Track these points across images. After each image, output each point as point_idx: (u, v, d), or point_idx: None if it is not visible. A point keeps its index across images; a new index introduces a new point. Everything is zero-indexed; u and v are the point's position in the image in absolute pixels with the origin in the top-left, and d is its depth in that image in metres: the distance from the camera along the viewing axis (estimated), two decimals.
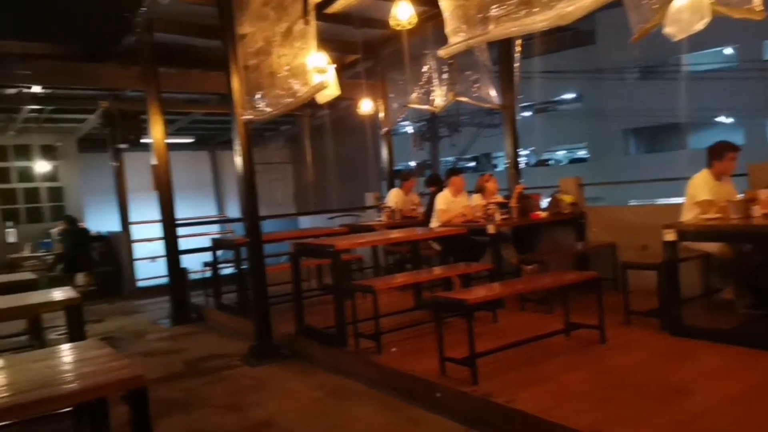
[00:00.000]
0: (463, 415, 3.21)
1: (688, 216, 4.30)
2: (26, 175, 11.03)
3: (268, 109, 4.54)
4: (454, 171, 6.33)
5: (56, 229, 10.22)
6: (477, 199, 5.92)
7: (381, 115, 7.90)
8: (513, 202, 5.70)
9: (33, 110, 9.06)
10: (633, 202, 16.08)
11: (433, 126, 19.37)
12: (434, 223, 5.85)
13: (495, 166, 26.75)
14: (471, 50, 4.90)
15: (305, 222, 11.34)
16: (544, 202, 6.12)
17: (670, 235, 3.90)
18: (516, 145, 6.63)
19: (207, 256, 6.82)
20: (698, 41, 4.11)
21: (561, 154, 27.51)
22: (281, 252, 7.46)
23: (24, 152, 10.98)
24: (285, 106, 4.36)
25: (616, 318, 4.29)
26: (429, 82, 6.49)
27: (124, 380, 1.89)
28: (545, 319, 4.64)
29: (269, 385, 4.12)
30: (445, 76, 6.32)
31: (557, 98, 24.60)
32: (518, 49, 6.30)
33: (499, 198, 6.01)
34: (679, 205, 4.59)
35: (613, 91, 21.37)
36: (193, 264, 7.17)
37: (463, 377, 3.38)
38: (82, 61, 7.40)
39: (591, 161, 23.92)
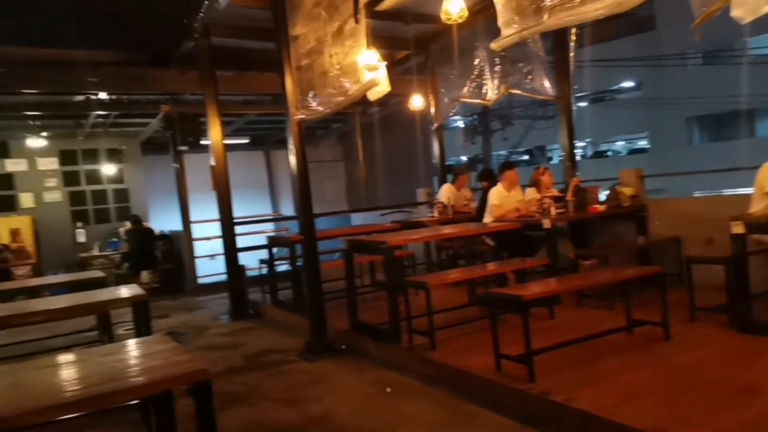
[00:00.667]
0: (518, 413, 3.16)
1: (757, 207, 4.08)
2: (94, 177, 11.62)
3: (320, 108, 4.60)
4: (508, 165, 6.23)
5: (122, 229, 10.73)
6: (531, 194, 5.81)
7: (432, 110, 7.86)
8: (569, 196, 5.56)
9: (99, 116, 9.52)
10: (697, 194, 15.36)
11: (484, 120, 19.11)
12: (487, 219, 5.78)
13: (549, 158, 26.14)
14: (524, 41, 4.81)
15: (357, 219, 11.43)
16: (603, 195, 5.94)
17: (737, 228, 3.71)
18: (572, 137, 6.46)
19: (263, 254, 6.99)
20: (765, 23, 3.88)
21: (620, 144, 26.58)
22: (334, 249, 7.56)
23: (92, 156, 11.57)
24: (337, 104, 4.40)
25: (681, 314, 4.12)
26: (480, 75, 6.41)
27: (188, 374, 1.96)
28: (605, 315, 4.51)
29: (325, 380, 4.19)
30: (497, 68, 6.23)
31: (615, 87, 23.75)
32: (573, 38, 6.13)
33: (555, 192, 5.87)
34: (747, 196, 4.36)
35: (674, 78, 20.46)
36: (250, 261, 7.37)
37: (519, 374, 3.33)
38: (145, 67, 7.73)
39: (652, 151, 22.99)
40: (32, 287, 6.22)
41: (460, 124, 21.86)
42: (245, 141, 13.32)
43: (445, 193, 7.06)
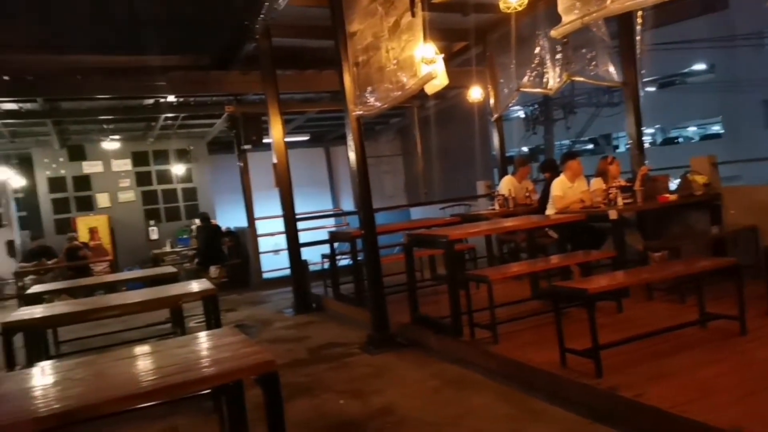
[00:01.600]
0: (586, 409, 3.09)
1: None
2: (164, 177, 12.17)
3: (378, 104, 4.62)
4: (571, 155, 6.06)
5: (192, 227, 11.19)
6: (597, 184, 5.62)
7: (491, 101, 7.75)
8: (637, 185, 5.34)
9: (168, 118, 9.96)
10: None
11: (546, 109, 18.61)
12: (550, 210, 5.65)
13: (615, 147, 25.19)
14: (586, 27, 4.65)
15: (416, 213, 11.42)
16: (674, 184, 5.67)
17: None
18: (639, 124, 6.20)
19: (325, 249, 7.11)
20: None
21: (691, 130, 25.27)
22: (394, 243, 7.60)
23: (162, 157, 12.12)
24: (394, 99, 4.42)
25: (759, 308, 3.90)
26: (541, 63, 6.25)
27: (258, 365, 2.03)
28: (676, 309, 4.33)
29: (387, 373, 4.23)
30: (558, 56, 6.05)
31: (686, 70, 22.57)
32: (639, 20, 5.86)
33: (622, 181, 5.66)
34: None
35: (749, 59, 19.22)
36: (312, 256, 7.52)
37: (586, 370, 3.25)
38: (210, 69, 8.02)
39: (726, 137, 21.73)
40: (110, 283, 6.62)
41: (521, 114, 21.39)
42: (305, 138, 13.57)
43: (506, 185, 6.95)
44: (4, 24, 6.11)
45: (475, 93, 7.69)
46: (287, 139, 7.15)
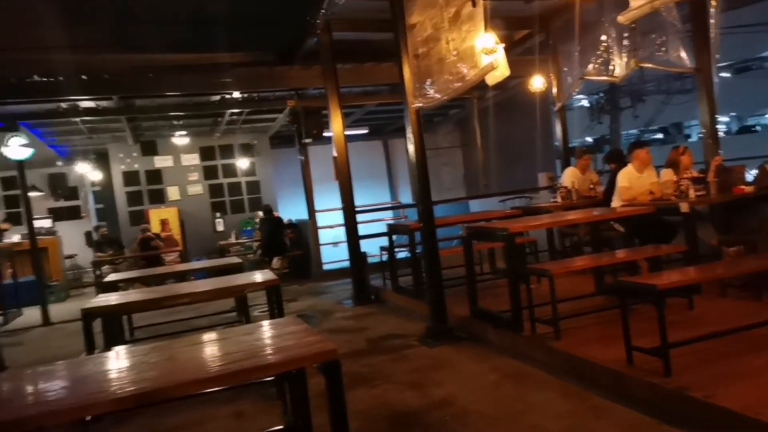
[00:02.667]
0: (652, 408, 2.98)
1: None
2: (229, 171, 12.60)
3: (438, 95, 4.60)
4: (638, 144, 5.82)
5: (255, 219, 11.54)
6: (668, 175, 5.38)
7: (553, 90, 7.55)
8: (710, 177, 5.08)
9: (233, 113, 10.29)
10: None
11: (612, 97, 17.91)
12: (616, 202, 5.46)
13: (687, 136, 23.99)
14: (656, 11, 4.44)
15: (475, 206, 11.31)
16: (750, 175, 5.35)
17: None
18: (713, 112, 5.88)
19: (383, 241, 7.16)
20: None
21: None
22: (453, 236, 7.56)
23: (227, 151, 12.55)
24: (454, 90, 4.38)
25: None
26: (607, 50, 6.03)
27: (320, 353, 2.08)
28: (752, 307, 4.10)
29: (446, 366, 4.22)
30: (625, 42, 5.82)
31: (763, 54, 21.17)
32: (713, 2, 5.55)
33: (694, 173, 5.39)
34: None
35: None
36: (371, 248, 7.60)
37: (654, 368, 3.14)
38: (273, 65, 8.22)
39: None
40: (180, 272, 6.93)
41: (585, 103, 20.69)
42: (364, 131, 13.68)
43: (569, 176, 6.77)
44: (82, 26, 6.47)
45: (537, 82, 7.52)
46: (347, 133, 7.24)
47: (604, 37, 6.05)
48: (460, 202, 11.74)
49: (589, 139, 23.49)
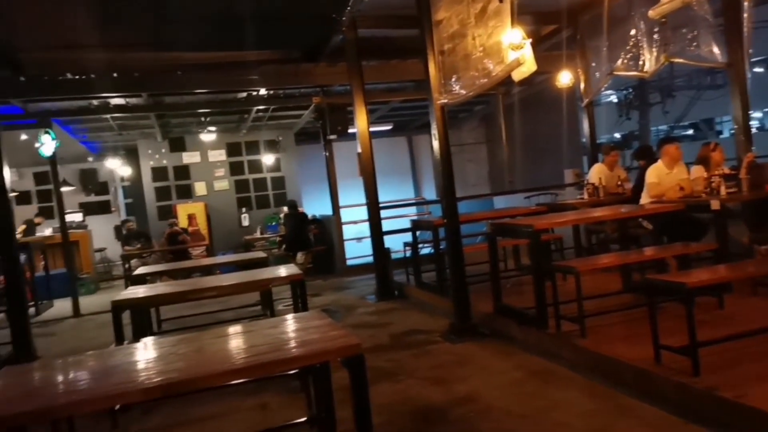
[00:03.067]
0: (680, 408, 2.93)
1: None
2: (255, 167, 12.72)
3: (463, 92, 4.58)
4: (668, 139, 5.71)
5: (280, 214, 11.64)
6: (698, 171, 5.27)
7: (581, 86, 7.44)
8: (743, 174, 4.95)
9: (259, 110, 10.39)
10: None
11: (641, 92, 17.57)
12: (644, 199, 5.36)
13: (719, 132, 23.42)
14: (687, 5, 4.34)
15: (500, 202, 11.23)
16: None
17: None
18: (746, 107, 5.72)
19: (407, 237, 7.16)
20: None
21: None
22: (477, 232, 7.52)
23: (253, 147, 12.67)
24: (480, 86, 4.35)
25: None
26: (637, 45, 5.91)
27: (344, 347, 2.10)
28: None
29: (469, 362, 4.21)
30: (655, 36, 5.70)
31: None
32: None
33: (725, 169, 5.27)
34: None
35: None
36: (395, 244, 7.60)
37: (682, 367, 3.08)
38: (299, 62, 8.28)
39: None
40: (206, 266, 7.03)
41: (613, 98, 20.33)
42: (389, 127, 13.68)
43: (596, 173, 6.67)
44: (113, 25, 6.60)
45: (564, 78, 7.42)
46: (371, 129, 7.25)
47: (633, 32, 5.94)
48: (485, 199, 11.67)
49: (617, 136, 23.09)
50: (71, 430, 2.63)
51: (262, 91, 9.07)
